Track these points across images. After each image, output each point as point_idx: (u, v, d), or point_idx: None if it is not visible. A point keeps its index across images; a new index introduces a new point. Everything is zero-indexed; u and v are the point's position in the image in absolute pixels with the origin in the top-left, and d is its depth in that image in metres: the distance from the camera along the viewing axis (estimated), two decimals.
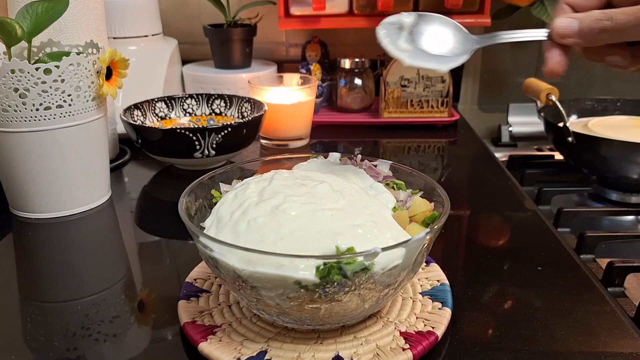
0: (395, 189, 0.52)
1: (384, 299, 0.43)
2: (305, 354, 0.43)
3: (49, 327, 0.49)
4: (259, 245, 0.40)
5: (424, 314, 0.47)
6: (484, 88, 1.28)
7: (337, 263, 0.37)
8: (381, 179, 0.53)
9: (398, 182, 0.53)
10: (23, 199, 0.68)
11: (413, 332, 0.45)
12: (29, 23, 0.63)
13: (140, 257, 0.63)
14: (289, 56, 1.24)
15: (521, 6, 1.10)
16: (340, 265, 0.37)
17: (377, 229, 0.42)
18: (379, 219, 0.44)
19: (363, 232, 0.42)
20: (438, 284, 0.52)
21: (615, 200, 0.89)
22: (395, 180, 0.53)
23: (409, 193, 0.51)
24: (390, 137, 1.02)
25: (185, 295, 0.50)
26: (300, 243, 0.40)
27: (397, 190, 0.52)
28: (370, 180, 0.52)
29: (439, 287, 0.51)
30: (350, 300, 0.40)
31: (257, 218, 0.42)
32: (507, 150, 1.17)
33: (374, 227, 0.42)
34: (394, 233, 0.43)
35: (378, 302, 0.43)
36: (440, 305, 0.48)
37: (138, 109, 0.87)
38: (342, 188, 0.47)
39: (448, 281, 0.52)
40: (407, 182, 0.53)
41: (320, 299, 0.39)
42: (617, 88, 1.26)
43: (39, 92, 0.63)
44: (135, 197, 0.79)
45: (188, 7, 1.20)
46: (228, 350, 0.43)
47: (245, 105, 0.92)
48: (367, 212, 0.44)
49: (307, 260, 0.38)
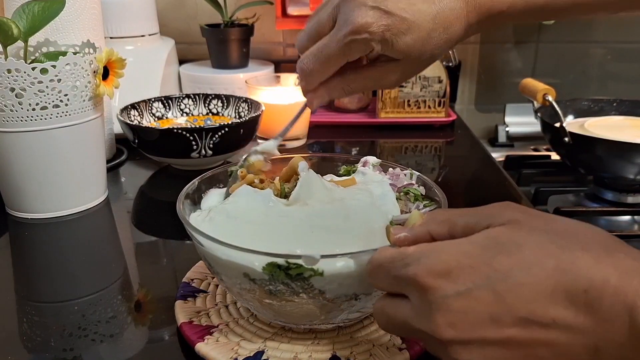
0: (412, 200, 0.51)
1: (348, 311, 0.42)
2: (302, 354, 0.43)
3: (46, 328, 0.49)
4: (229, 235, 0.41)
5: None
6: (481, 88, 1.28)
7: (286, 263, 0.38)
8: (402, 185, 0.52)
9: (415, 193, 0.51)
10: (19, 199, 0.68)
11: None
12: (26, 23, 0.63)
13: (137, 257, 0.63)
14: (286, 56, 1.24)
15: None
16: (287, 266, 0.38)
17: (352, 240, 0.42)
18: (364, 232, 0.43)
19: (333, 241, 0.42)
20: None
21: (612, 200, 0.89)
22: (414, 189, 0.51)
23: (418, 205, 0.50)
24: (388, 138, 1.03)
25: (182, 295, 0.50)
26: (265, 243, 0.40)
27: (414, 201, 0.50)
28: (385, 188, 0.50)
29: None
30: (301, 303, 0.40)
31: (248, 218, 0.44)
32: (504, 150, 1.17)
33: (350, 239, 0.42)
34: (365, 246, 0.40)
35: (341, 313, 0.42)
36: None
37: (135, 109, 0.87)
38: (345, 197, 0.47)
39: None
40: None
41: (271, 296, 0.40)
42: (614, 88, 1.26)
43: (35, 92, 0.63)
44: (132, 197, 0.78)
45: (185, 7, 1.20)
46: (225, 350, 0.43)
47: (243, 105, 0.92)
48: (354, 223, 0.44)
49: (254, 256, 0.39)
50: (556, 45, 1.24)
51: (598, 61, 1.26)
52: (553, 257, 0.28)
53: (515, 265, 0.28)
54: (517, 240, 0.29)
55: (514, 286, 0.28)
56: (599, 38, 1.24)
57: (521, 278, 0.28)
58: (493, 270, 0.29)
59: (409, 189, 0.51)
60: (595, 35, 1.24)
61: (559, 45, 1.24)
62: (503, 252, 0.29)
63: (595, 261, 0.27)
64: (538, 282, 0.28)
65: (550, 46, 1.24)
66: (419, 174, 0.52)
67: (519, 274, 0.28)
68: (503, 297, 0.28)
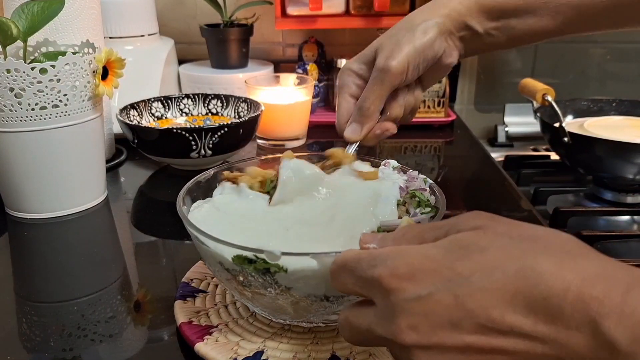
0: (415, 206, 0.49)
1: (322, 312, 0.42)
2: (302, 354, 0.43)
3: (45, 328, 0.49)
4: (210, 224, 0.44)
5: None
6: (481, 88, 1.28)
7: (254, 257, 0.39)
8: (413, 188, 0.51)
9: (421, 198, 0.50)
10: (19, 199, 0.68)
11: None
12: (25, 22, 0.63)
13: (137, 257, 0.63)
14: (285, 56, 1.24)
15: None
16: (255, 259, 0.39)
17: (331, 241, 0.42)
18: (347, 234, 0.43)
19: (312, 240, 0.43)
20: None
21: (611, 200, 0.89)
22: (420, 194, 0.50)
23: (417, 212, 0.48)
24: (387, 137, 1.02)
25: (181, 295, 0.50)
26: (241, 236, 0.42)
27: (417, 207, 0.49)
28: (393, 191, 0.49)
29: None
30: (273, 298, 0.41)
31: (231, 211, 0.47)
32: (504, 150, 1.17)
33: (329, 240, 0.43)
34: (336, 247, 0.40)
35: (315, 314, 0.42)
36: None
37: (134, 109, 0.87)
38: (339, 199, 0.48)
39: None
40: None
41: (244, 287, 0.42)
42: (613, 88, 1.26)
43: (34, 92, 0.63)
44: (131, 197, 0.78)
45: (184, 6, 1.20)
46: (224, 350, 0.43)
47: (242, 105, 0.91)
48: (338, 225, 0.45)
49: (225, 247, 0.40)
50: (555, 45, 1.24)
51: (597, 61, 1.26)
52: (515, 261, 0.27)
53: (477, 270, 0.28)
54: (481, 244, 0.29)
55: (475, 291, 0.28)
56: (599, 38, 1.24)
57: (482, 283, 0.28)
58: (455, 274, 0.28)
59: (415, 192, 0.50)
60: (595, 35, 1.23)
61: (559, 45, 1.24)
62: (466, 256, 0.29)
63: (558, 267, 0.27)
64: (498, 288, 0.27)
65: (549, 46, 1.24)
66: (432, 182, 0.51)
67: (480, 278, 0.28)
68: (463, 302, 0.28)
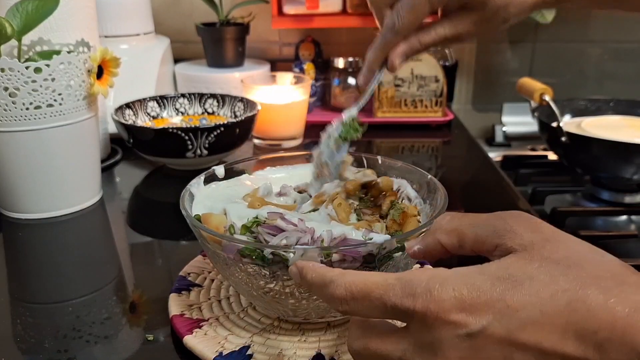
0: (391, 216, 0.47)
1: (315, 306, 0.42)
2: (288, 351, 0.43)
3: (40, 329, 0.48)
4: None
5: None
6: (478, 88, 1.28)
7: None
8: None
9: (402, 209, 0.47)
10: (13, 199, 0.68)
11: None
12: (19, 21, 0.62)
13: (132, 257, 0.63)
14: (282, 55, 1.24)
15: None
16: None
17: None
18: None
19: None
20: None
21: (609, 200, 0.89)
22: (402, 205, 0.49)
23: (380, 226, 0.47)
24: (384, 137, 1.02)
25: (177, 288, 0.50)
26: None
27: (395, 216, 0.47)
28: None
29: None
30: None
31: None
32: (501, 150, 1.17)
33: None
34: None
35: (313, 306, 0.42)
36: None
37: (130, 108, 0.87)
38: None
39: None
40: (407, 178, 0.53)
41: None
42: (610, 88, 1.26)
43: (29, 91, 0.62)
44: (126, 198, 0.78)
45: (180, 5, 1.20)
46: (212, 344, 0.43)
47: (238, 104, 0.91)
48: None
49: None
50: (553, 44, 1.24)
51: (595, 61, 1.26)
52: (564, 293, 0.28)
53: (528, 302, 0.28)
54: (529, 272, 0.29)
55: (527, 325, 0.28)
56: (596, 38, 1.24)
57: (534, 316, 0.28)
58: (506, 307, 0.29)
59: (394, 202, 0.50)
60: (592, 35, 1.24)
61: (556, 45, 1.24)
62: (515, 287, 0.29)
63: (605, 298, 0.27)
64: (550, 322, 0.28)
65: (547, 45, 1.24)
66: (433, 177, 0.50)
67: (531, 311, 0.28)
68: (516, 337, 0.28)
